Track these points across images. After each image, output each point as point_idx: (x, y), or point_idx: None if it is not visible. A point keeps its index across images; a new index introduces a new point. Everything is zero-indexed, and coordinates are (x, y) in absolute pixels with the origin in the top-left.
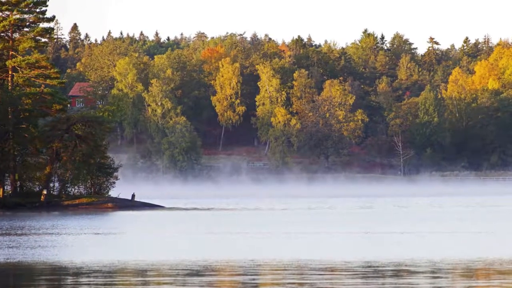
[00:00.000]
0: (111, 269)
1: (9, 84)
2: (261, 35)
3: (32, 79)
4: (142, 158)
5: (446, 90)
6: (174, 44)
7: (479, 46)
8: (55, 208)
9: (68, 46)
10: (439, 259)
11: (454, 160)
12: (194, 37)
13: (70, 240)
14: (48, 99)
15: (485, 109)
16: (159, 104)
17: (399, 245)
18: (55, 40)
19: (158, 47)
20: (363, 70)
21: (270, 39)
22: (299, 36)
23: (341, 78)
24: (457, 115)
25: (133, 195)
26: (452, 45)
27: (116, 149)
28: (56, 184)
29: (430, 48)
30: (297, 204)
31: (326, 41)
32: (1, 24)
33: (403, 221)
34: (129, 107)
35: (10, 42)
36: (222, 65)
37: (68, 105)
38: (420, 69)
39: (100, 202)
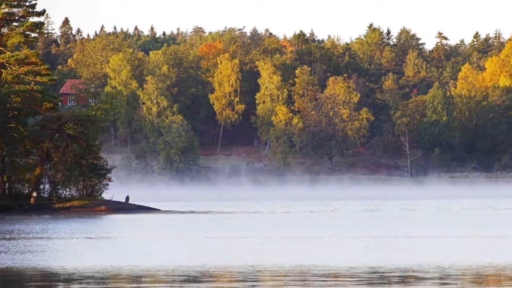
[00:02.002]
0: (104, 275)
1: None
2: (261, 30)
3: (22, 76)
4: (137, 159)
5: (455, 87)
6: (170, 40)
7: (489, 41)
8: (45, 211)
9: (59, 42)
10: (448, 264)
11: (463, 160)
12: (191, 32)
13: (61, 245)
14: (38, 97)
15: (496, 107)
16: (155, 102)
17: (406, 250)
18: (45, 35)
19: (154, 42)
20: (368, 66)
21: (270, 34)
22: (301, 31)
23: (345, 75)
24: (466, 113)
25: (127, 198)
26: (462, 41)
27: (110, 149)
28: (47, 186)
29: (439, 44)
30: (299, 207)
31: (329, 36)
32: None
33: (410, 225)
34: (123, 105)
35: None
36: (221, 62)
37: (59, 103)
38: (428, 66)
39: (93, 205)
